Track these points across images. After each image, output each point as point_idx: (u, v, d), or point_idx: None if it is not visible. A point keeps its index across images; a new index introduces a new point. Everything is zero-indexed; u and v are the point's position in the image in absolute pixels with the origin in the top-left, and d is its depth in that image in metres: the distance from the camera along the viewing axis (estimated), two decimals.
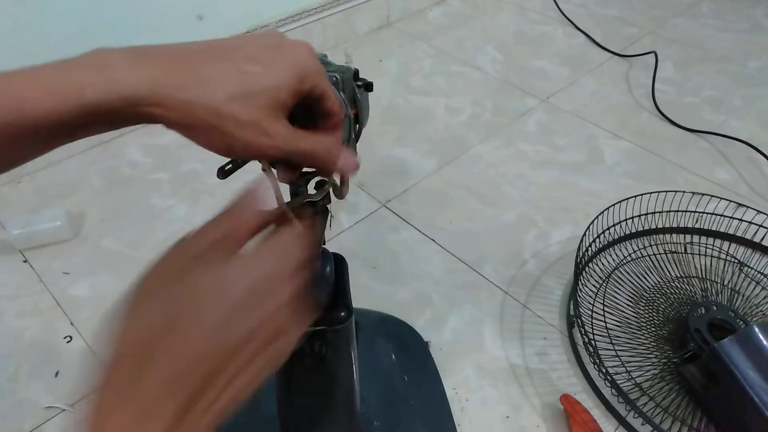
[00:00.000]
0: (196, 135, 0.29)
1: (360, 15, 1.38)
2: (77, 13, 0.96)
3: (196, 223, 0.28)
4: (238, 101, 0.29)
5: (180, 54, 0.29)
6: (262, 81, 0.29)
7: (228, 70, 0.29)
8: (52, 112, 0.26)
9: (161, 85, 0.27)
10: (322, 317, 0.43)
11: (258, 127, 0.29)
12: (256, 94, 0.29)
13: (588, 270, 0.83)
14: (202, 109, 0.28)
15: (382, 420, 0.66)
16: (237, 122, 0.29)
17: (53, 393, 0.71)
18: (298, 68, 0.30)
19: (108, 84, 0.26)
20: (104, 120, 0.27)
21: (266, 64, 0.30)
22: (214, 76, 0.29)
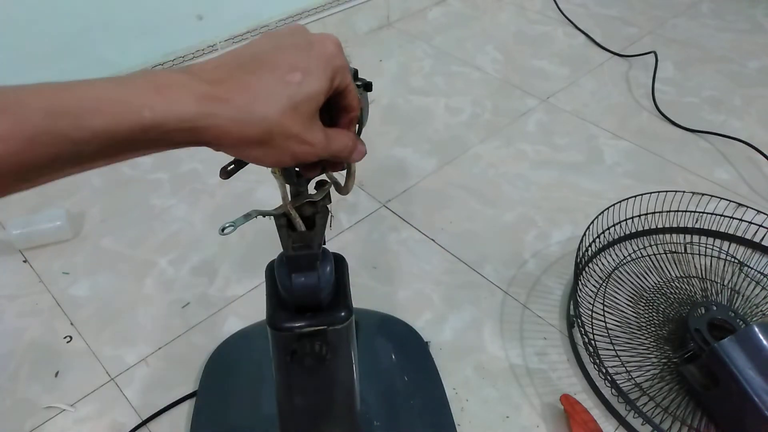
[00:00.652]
0: (247, 153, 0.30)
1: (360, 15, 1.38)
2: (77, 13, 0.96)
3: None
4: (287, 115, 0.29)
5: (228, 69, 0.30)
6: (304, 90, 0.30)
7: (274, 82, 0.29)
8: (107, 130, 0.26)
9: (215, 107, 0.28)
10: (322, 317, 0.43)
11: (301, 138, 0.31)
12: (299, 105, 0.30)
13: (588, 270, 0.83)
14: (256, 127, 0.29)
15: (382, 420, 0.66)
16: (285, 136, 0.30)
17: (53, 393, 0.71)
18: (331, 69, 0.31)
19: (166, 105, 0.27)
20: (154, 141, 0.27)
21: (305, 70, 0.30)
22: (262, 90, 0.29)
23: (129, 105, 0.26)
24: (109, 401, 0.71)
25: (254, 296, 0.82)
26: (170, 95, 0.27)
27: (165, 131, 0.27)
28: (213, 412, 0.68)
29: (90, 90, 0.26)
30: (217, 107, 0.28)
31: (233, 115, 0.28)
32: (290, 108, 0.29)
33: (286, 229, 0.41)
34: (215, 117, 0.28)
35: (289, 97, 0.29)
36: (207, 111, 0.27)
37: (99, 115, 0.25)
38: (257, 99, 0.29)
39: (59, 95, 0.25)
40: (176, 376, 0.73)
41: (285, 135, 0.30)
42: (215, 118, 0.28)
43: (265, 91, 0.29)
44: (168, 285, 0.83)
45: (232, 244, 0.89)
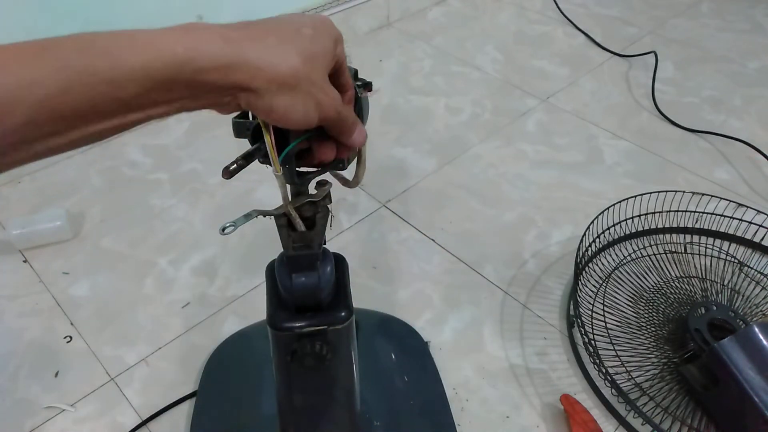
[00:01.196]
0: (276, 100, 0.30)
1: (360, 15, 1.38)
2: (77, 13, 0.96)
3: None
4: (308, 62, 0.31)
5: (249, 23, 0.31)
6: (317, 44, 0.32)
7: (291, 32, 0.31)
8: (143, 66, 0.26)
9: (245, 46, 0.29)
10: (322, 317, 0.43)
11: (322, 87, 0.32)
12: (316, 56, 0.31)
13: (588, 270, 0.83)
14: (285, 66, 0.30)
15: (382, 420, 0.66)
16: (310, 81, 0.31)
17: (53, 393, 0.71)
18: (333, 35, 0.33)
19: (198, 42, 0.27)
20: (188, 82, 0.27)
21: (314, 27, 0.32)
22: (284, 37, 0.31)
23: (163, 43, 0.26)
24: (109, 401, 0.71)
25: (254, 296, 0.82)
26: (201, 36, 0.28)
27: (198, 68, 0.27)
28: (213, 412, 0.68)
29: (123, 33, 0.26)
30: (247, 46, 0.29)
31: (262, 54, 0.29)
32: (310, 56, 0.31)
33: (286, 229, 0.41)
34: (246, 54, 0.28)
35: (307, 47, 0.31)
36: (237, 50, 0.28)
37: (134, 52, 0.25)
38: (282, 42, 0.30)
39: (94, 37, 0.25)
40: (176, 376, 0.73)
41: (309, 80, 0.31)
42: (246, 55, 0.28)
43: (287, 38, 0.30)
44: (168, 285, 0.83)
45: (232, 244, 0.89)
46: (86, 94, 0.25)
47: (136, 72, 0.25)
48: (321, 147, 0.38)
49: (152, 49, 0.26)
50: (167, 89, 0.27)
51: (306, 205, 0.42)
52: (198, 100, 0.29)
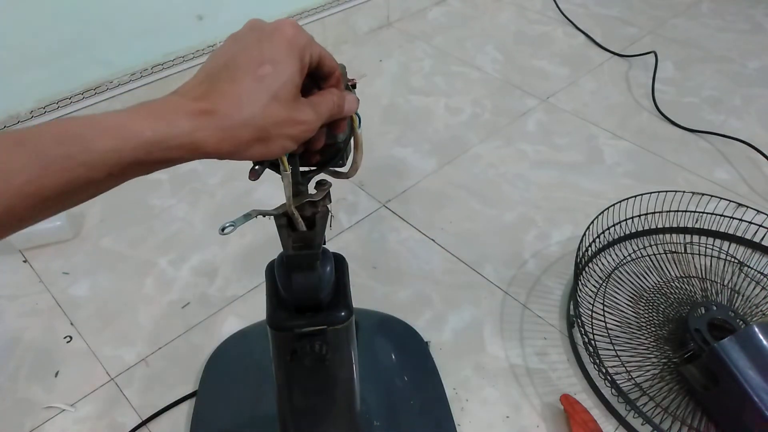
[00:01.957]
0: (250, 153, 0.32)
1: (360, 15, 1.38)
2: (77, 13, 0.96)
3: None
4: (271, 106, 0.31)
5: (208, 83, 0.32)
6: (279, 78, 0.32)
7: (249, 82, 0.31)
8: (114, 150, 0.28)
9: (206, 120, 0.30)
10: (322, 317, 0.43)
11: (292, 120, 0.32)
12: (279, 93, 0.32)
13: (588, 270, 0.83)
14: (248, 128, 0.31)
15: (382, 420, 0.66)
16: (277, 124, 0.32)
17: (53, 393, 0.71)
18: (296, 48, 0.33)
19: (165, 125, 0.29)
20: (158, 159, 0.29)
21: (272, 60, 0.32)
22: (242, 94, 0.31)
23: (132, 128, 0.28)
24: (109, 401, 0.71)
25: (254, 296, 0.82)
26: (167, 117, 0.29)
27: (166, 148, 0.29)
28: (213, 412, 0.68)
29: (95, 118, 0.28)
30: (207, 120, 0.30)
31: (224, 124, 0.30)
32: (271, 99, 0.31)
33: (286, 229, 0.41)
34: (208, 129, 0.30)
35: (267, 89, 0.31)
36: (200, 125, 0.30)
37: (106, 138, 0.27)
38: (240, 103, 0.31)
39: (68, 124, 0.27)
40: (176, 376, 0.73)
41: (276, 124, 0.32)
42: (208, 130, 0.30)
43: (245, 93, 0.31)
44: (168, 285, 0.83)
45: (232, 244, 0.89)
46: (62, 177, 0.27)
47: (108, 156, 0.27)
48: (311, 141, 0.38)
49: (122, 134, 0.28)
50: (138, 166, 0.29)
51: (306, 205, 0.42)
52: (172, 164, 0.31)
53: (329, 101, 0.36)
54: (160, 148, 0.29)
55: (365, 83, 1.24)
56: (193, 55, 1.14)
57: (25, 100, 0.97)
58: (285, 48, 0.32)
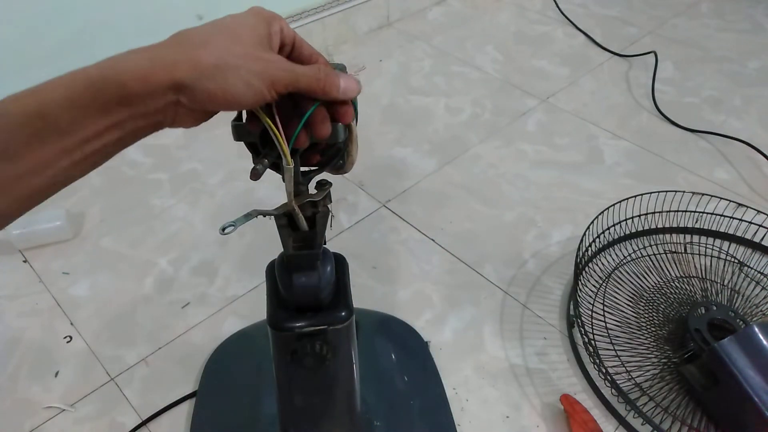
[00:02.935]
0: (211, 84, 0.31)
1: (360, 15, 1.38)
2: (77, 13, 0.96)
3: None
4: (231, 40, 0.32)
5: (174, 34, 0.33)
6: (238, 26, 0.33)
7: (210, 27, 0.33)
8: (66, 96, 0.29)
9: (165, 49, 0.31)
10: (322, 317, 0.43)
11: (255, 54, 0.32)
12: (240, 34, 0.33)
13: (588, 270, 0.83)
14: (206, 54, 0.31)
15: (382, 420, 0.66)
16: (236, 55, 0.32)
17: (53, 393, 0.71)
18: (261, 15, 0.35)
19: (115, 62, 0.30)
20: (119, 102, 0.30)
21: (232, 17, 0.34)
22: (202, 32, 0.32)
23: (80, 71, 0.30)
24: (109, 401, 0.71)
25: (254, 296, 0.82)
26: (118, 56, 0.31)
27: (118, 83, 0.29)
28: (213, 412, 0.68)
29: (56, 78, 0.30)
30: (162, 49, 0.31)
31: (177, 49, 0.31)
32: (232, 37, 0.32)
33: (286, 228, 0.41)
34: (162, 55, 0.30)
35: (227, 32, 0.33)
36: (153, 55, 0.30)
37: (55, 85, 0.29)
38: (199, 38, 0.32)
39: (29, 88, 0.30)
40: (176, 376, 0.73)
41: (236, 55, 0.31)
42: (162, 56, 0.30)
43: (204, 33, 0.32)
44: (168, 285, 0.83)
45: (232, 244, 0.89)
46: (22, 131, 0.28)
47: (60, 101, 0.29)
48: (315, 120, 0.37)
49: (70, 78, 0.29)
50: (100, 111, 0.29)
51: (306, 204, 0.42)
52: (141, 117, 0.31)
53: (313, 66, 0.35)
54: (114, 84, 0.29)
55: (365, 83, 1.23)
56: None
57: None
58: (248, 12, 0.35)
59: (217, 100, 0.32)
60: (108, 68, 0.30)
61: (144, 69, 0.30)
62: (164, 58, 0.30)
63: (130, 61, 0.30)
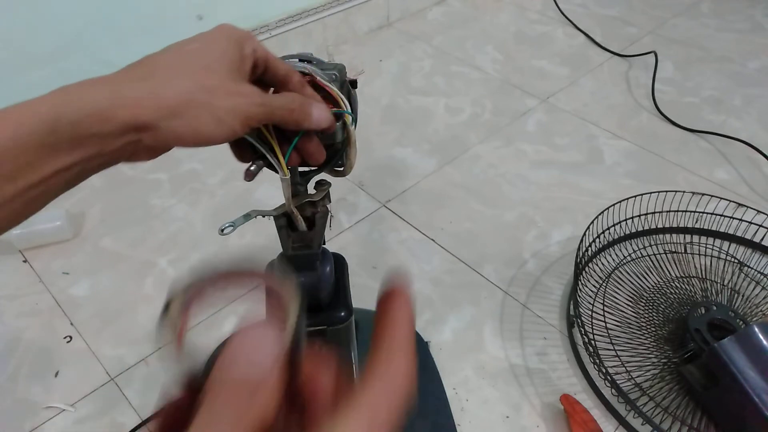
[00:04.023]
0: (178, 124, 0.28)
1: (360, 15, 1.38)
2: (77, 13, 0.96)
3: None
4: (200, 73, 0.29)
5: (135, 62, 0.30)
6: (209, 52, 0.30)
7: (175, 55, 0.30)
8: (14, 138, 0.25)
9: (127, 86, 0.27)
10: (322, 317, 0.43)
11: (226, 89, 0.30)
12: (210, 64, 0.30)
13: (588, 270, 0.83)
14: (171, 91, 0.28)
15: None
16: (206, 90, 0.29)
17: (53, 393, 0.71)
18: (233, 36, 0.32)
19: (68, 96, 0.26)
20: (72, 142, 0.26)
21: (202, 40, 0.31)
22: (168, 63, 0.29)
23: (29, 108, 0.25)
24: (109, 401, 0.71)
25: (254, 296, 0.82)
26: (70, 89, 0.27)
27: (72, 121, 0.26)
28: None
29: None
30: (122, 84, 0.27)
31: (141, 85, 0.28)
32: (201, 68, 0.29)
33: (286, 229, 0.41)
34: (122, 91, 0.27)
35: (196, 61, 0.30)
36: (112, 91, 0.27)
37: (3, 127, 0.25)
38: (163, 67, 0.29)
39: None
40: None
41: (206, 90, 0.29)
42: (123, 92, 0.27)
43: (169, 61, 0.29)
44: (168, 285, 0.83)
45: (231, 244, 0.89)
46: None
47: (8, 145, 0.25)
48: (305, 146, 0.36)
49: (17, 114, 0.25)
50: (49, 154, 0.26)
51: (305, 205, 0.42)
52: (95, 158, 0.27)
53: (287, 95, 0.33)
54: (67, 122, 0.26)
55: (365, 83, 1.24)
56: None
57: None
58: (219, 35, 0.32)
59: (184, 139, 0.29)
60: (61, 105, 0.26)
61: (103, 107, 0.26)
62: (125, 96, 0.27)
63: (86, 96, 0.26)
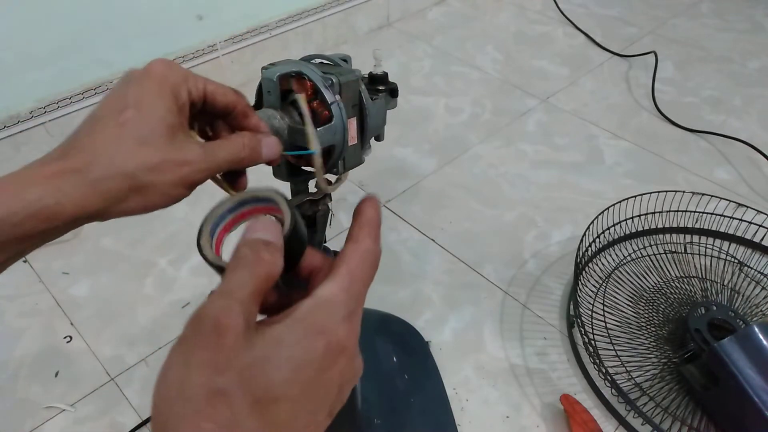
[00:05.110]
0: (126, 206, 0.28)
1: (360, 15, 1.38)
2: (77, 13, 0.96)
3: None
4: (140, 152, 0.28)
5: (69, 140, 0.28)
6: (145, 121, 0.28)
7: (110, 131, 0.28)
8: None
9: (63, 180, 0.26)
10: None
11: (171, 161, 0.29)
12: (147, 137, 0.28)
13: (588, 270, 0.83)
14: (115, 179, 0.27)
15: (383, 418, 0.66)
16: (150, 169, 0.28)
17: (53, 393, 0.71)
18: (166, 86, 0.30)
19: (7, 198, 0.26)
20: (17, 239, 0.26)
21: (135, 103, 0.29)
22: (103, 145, 0.28)
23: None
24: (109, 401, 0.71)
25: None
26: (8, 189, 0.26)
27: (14, 224, 0.25)
28: None
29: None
30: (62, 180, 0.27)
31: (84, 179, 0.27)
32: (138, 144, 0.28)
33: None
34: (63, 189, 0.26)
35: (131, 134, 0.28)
36: (53, 187, 0.26)
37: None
38: (101, 153, 0.27)
39: None
40: None
41: (149, 169, 0.28)
42: (64, 190, 0.26)
43: (107, 143, 0.28)
44: (168, 285, 0.83)
45: (232, 244, 0.89)
46: None
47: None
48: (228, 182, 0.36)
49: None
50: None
51: (306, 203, 0.42)
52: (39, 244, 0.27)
53: (234, 143, 0.32)
54: (9, 224, 0.25)
55: None
56: (193, 55, 1.14)
57: (25, 100, 0.97)
58: (153, 88, 0.29)
59: (135, 213, 0.29)
60: (0, 206, 0.25)
61: (46, 205, 0.26)
62: (69, 193, 0.26)
63: (27, 196, 0.25)
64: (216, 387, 0.20)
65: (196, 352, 0.21)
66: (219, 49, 1.17)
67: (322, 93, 0.37)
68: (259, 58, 1.23)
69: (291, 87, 0.38)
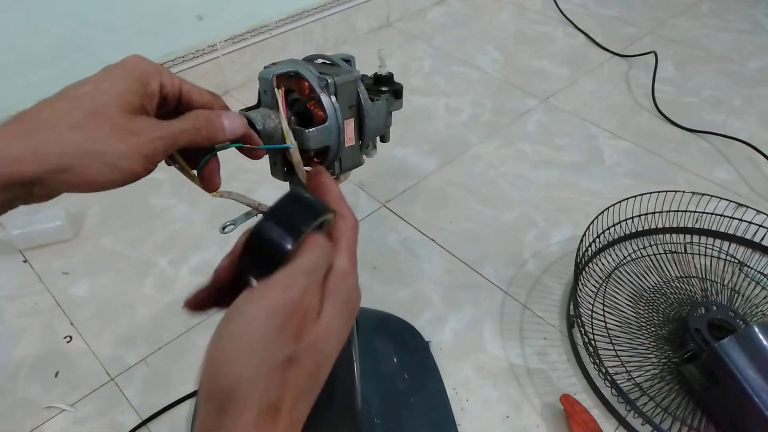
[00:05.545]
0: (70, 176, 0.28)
1: (360, 15, 1.38)
2: (77, 13, 0.96)
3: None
4: (88, 121, 0.27)
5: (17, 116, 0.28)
6: (99, 95, 0.28)
7: (63, 103, 0.28)
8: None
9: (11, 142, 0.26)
10: None
11: (121, 131, 0.28)
12: (98, 109, 0.28)
13: (588, 270, 0.83)
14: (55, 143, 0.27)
15: (383, 418, 0.66)
16: (95, 139, 0.27)
17: (53, 393, 0.71)
18: (135, 73, 0.30)
19: None
20: None
21: (96, 82, 0.29)
22: (54, 114, 0.27)
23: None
24: (109, 401, 0.71)
25: None
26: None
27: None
28: None
29: None
30: (9, 143, 0.26)
31: (28, 143, 0.26)
32: (88, 115, 0.28)
33: None
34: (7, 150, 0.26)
35: (83, 107, 0.28)
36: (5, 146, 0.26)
37: None
38: (49, 123, 0.27)
39: None
40: (176, 376, 0.73)
41: (91, 139, 0.27)
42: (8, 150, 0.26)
43: (55, 114, 0.28)
44: (168, 285, 0.83)
45: (232, 244, 0.89)
46: None
47: None
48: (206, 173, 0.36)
49: None
50: None
51: None
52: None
53: (190, 116, 0.32)
54: None
55: None
56: (193, 55, 1.14)
57: (25, 100, 0.96)
58: (119, 73, 0.30)
59: (79, 188, 0.28)
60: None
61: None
62: (5, 155, 0.26)
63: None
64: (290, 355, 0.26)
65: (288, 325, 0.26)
66: (219, 49, 1.17)
67: (317, 93, 0.37)
68: (259, 58, 1.23)
69: (290, 87, 0.38)
